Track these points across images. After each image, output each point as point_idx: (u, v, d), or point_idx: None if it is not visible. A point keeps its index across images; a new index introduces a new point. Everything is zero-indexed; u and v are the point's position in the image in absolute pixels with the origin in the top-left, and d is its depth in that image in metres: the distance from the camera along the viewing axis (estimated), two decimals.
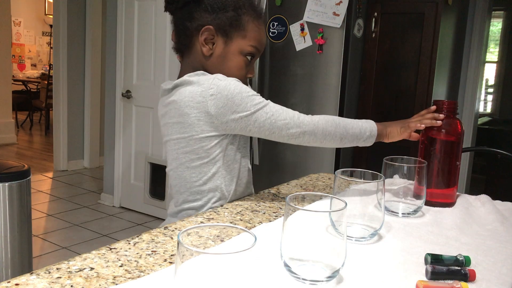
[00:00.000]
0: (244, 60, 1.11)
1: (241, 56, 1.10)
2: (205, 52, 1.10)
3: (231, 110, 1.02)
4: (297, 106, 2.68)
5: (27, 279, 0.67)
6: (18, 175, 1.99)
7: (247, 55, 1.11)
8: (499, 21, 5.63)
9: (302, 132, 1.05)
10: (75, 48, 4.72)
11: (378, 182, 0.83)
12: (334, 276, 0.66)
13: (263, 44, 1.13)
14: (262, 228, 0.92)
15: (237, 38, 1.09)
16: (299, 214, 0.63)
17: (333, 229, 0.64)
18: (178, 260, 0.49)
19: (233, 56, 1.10)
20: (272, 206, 1.10)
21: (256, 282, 0.62)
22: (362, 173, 0.89)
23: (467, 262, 0.75)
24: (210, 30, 1.08)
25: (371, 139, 1.13)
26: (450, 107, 1.12)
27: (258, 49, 1.12)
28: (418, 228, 0.94)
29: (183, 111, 1.04)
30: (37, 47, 9.22)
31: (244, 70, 1.12)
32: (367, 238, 0.84)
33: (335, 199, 0.69)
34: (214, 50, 1.10)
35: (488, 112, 5.71)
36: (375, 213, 0.84)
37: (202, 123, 1.04)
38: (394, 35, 2.70)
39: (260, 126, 1.04)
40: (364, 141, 1.12)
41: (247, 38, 1.09)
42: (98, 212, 3.69)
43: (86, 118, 4.91)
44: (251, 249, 0.49)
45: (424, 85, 2.63)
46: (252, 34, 1.09)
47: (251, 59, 1.13)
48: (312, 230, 0.64)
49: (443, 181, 1.12)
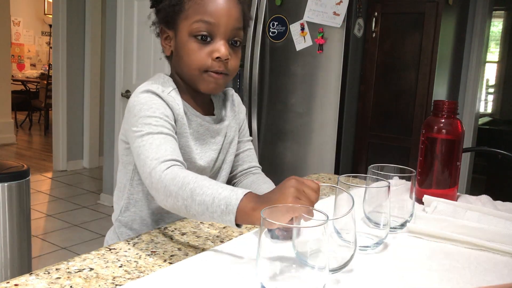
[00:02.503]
0: (195, 41, 0.95)
1: (191, 38, 0.95)
2: (167, 52, 1.03)
3: (128, 122, 0.95)
4: (297, 106, 2.68)
5: (26, 279, 0.66)
6: (17, 175, 1.99)
7: (197, 35, 0.94)
8: (499, 21, 5.63)
9: (150, 182, 0.85)
10: (74, 48, 4.72)
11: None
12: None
13: (216, 14, 0.93)
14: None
15: (182, 23, 0.96)
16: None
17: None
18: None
19: (183, 44, 0.96)
20: None
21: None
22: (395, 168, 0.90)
23: None
24: (162, 28, 1.01)
25: (228, 218, 0.75)
26: (451, 107, 1.11)
27: (207, 22, 0.93)
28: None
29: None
30: (36, 47, 9.21)
31: (200, 52, 0.95)
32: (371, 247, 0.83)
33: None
34: (172, 47, 1.01)
35: (489, 112, 5.71)
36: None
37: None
38: (394, 35, 2.69)
39: (132, 150, 0.92)
40: (220, 217, 0.76)
41: (189, 17, 0.94)
42: (98, 212, 3.69)
43: (86, 118, 4.91)
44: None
45: (425, 85, 2.63)
46: (193, 10, 0.94)
47: (208, 38, 0.95)
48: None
49: (444, 181, 1.12)
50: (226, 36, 0.95)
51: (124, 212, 1.05)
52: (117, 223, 1.07)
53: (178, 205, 0.80)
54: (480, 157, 4.29)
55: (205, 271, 0.72)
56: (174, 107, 0.96)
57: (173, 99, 0.97)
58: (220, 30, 0.94)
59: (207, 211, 0.77)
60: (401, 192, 0.93)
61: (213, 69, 0.95)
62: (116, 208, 1.08)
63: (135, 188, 1.02)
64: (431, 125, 1.13)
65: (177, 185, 0.80)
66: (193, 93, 1.03)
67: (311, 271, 0.60)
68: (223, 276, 0.71)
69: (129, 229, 1.06)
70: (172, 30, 0.99)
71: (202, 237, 0.88)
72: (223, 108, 1.11)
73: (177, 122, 0.97)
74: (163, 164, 0.84)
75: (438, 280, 0.73)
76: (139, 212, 1.04)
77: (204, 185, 0.78)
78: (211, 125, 1.05)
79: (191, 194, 0.78)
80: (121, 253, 0.78)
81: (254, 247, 0.80)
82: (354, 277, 0.72)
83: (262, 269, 0.60)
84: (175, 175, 0.82)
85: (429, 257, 0.83)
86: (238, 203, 0.74)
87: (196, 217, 0.80)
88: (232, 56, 0.97)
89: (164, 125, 0.91)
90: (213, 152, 1.06)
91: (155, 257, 0.77)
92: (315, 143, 2.66)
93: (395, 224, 0.93)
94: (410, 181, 0.91)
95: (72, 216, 3.54)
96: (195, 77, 0.97)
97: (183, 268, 0.73)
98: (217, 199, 0.76)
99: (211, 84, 0.97)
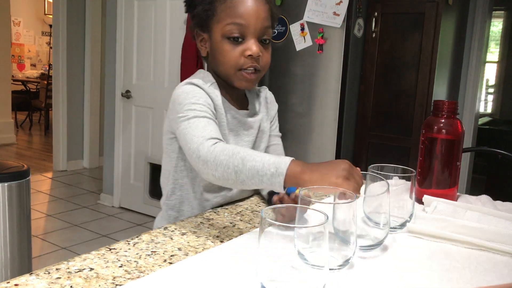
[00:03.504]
0: (228, 42, 1.04)
1: (224, 40, 1.05)
2: (203, 53, 1.12)
3: (173, 112, 1.04)
4: (297, 106, 2.68)
5: (26, 279, 0.67)
6: (17, 175, 1.99)
7: (230, 37, 1.04)
8: (499, 21, 5.63)
9: (197, 156, 0.92)
10: (74, 48, 4.72)
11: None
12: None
13: (246, 15, 1.03)
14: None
15: (215, 26, 1.06)
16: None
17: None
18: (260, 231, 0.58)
19: (218, 45, 1.06)
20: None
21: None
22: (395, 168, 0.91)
23: None
24: (197, 32, 1.11)
25: (277, 180, 0.82)
26: (451, 107, 1.11)
27: (239, 24, 1.03)
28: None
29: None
30: (36, 47, 9.21)
31: (234, 52, 1.04)
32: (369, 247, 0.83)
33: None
34: (207, 49, 1.11)
35: (489, 112, 5.71)
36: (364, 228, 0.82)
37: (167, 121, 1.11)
38: (394, 35, 2.69)
39: (178, 135, 1.01)
40: (269, 180, 0.83)
41: (221, 21, 1.04)
42: (98, 212, 3.69)
43: (86, 118, 4.91)
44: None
45: (425, 85, 2.63)
46: (225, 13, 1.04)
47: (240, 39, 1.04)
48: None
49: (444, 181, 1.12)
50: (256, 35, 1.05)
51: (171, 196, 1.13)
52: (165, 207, 1.15)
53: (228, 172, 0.87)
54: (480, 157, 4.30)
55: (205, 271, 0.72)
56: (214, 98, 1.06)
57: (212, 91, 1.07)
58: (250, 30, 1.04)
59: (257, 174, 0.84)
60: (401, 192, 0.93)
61: (246, 66, 1.05)
62: (163, 194, 1.17)
63: (179, 174, 1.11)
64: (431, 125, 1.13)
65: (228, 154, 0.87)
66: (229, 89, 1.12)
67: (311, 270, 0.60)
68: (223, 276, 0.71)
69: (176, 212, 1.14)
70: (206, 33, 1.09)
71: (202, 237, 0.88)
72: (256, 104, 1.21)
73: (216, 112, 1.06)
74: (210, 140, 0.93)
75: (438, 280, 0.73)
76: (185, 195, 1.12)
77: (253, 153, 0.87)
78: (244, 118, 1.14)
79: (241, 161, 0.86)
80: (121, 253, 0.78)
81: (254, 247, 0.80)
82: (354, 277, 0.72)
83: (262, 269, 0.60)
84: (223, 147, 0.90)
85: (429, 257, 0.83)
86: (287, 166, 0.82)
87: (245, 182, 0.86)
88: (263, 52, 1.06)
89: (207, 111, 1.01)
90: (245, 143, 1.14)
91: (155, 257, 0.77)
92: (315, 143, 2.67)
93: (395, 224, 0.93)
94: (410, 181, 0.92)
95: (72, 216, 3.54)
96: (230, 75, 1.07)
97: (183, 268, 0.73)
98: (266, 163, 0.84)
99: (244, 81, 1.07)
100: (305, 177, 0.80)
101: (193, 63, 3.05)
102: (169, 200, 1.13)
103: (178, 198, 1.13)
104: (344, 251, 0.72)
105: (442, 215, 0.97)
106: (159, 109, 3.49)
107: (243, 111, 1.15)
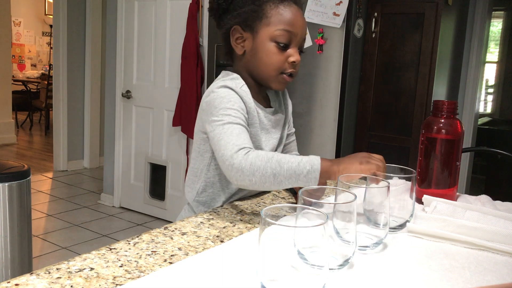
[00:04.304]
0: (275, 45, 1.08)
1: (272, 42, 1.09)
2: (239, 51, 1.14)
3: (208, 114, 1.07)
4: (297, 106, 2.68)
5: (27, 279, 0.67)
6: (18, 175, 1.99)
7: (278, 41, 1.08)
8: (499, 21, 5.63)
9: (230, 164, 0.96)
10: (75, 48, 4.72)
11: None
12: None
13: (295, 25, 1.08)
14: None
15: (263, 28, 1.09)
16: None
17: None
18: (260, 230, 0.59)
19: (262, 45, 1.09)
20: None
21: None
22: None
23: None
24: (236, 29, 1.12)
25: (313, 175, 0.92)
26: (450, 107, 1.12)
27: (289, 32, 1.08)
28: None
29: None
30: (37, 47, 9.22)
31: (278, 56, 1.09)
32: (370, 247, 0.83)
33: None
34: (245, 47, 1.12)
35: (488, 112, 5.71)
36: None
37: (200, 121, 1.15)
38: (394, 35, 2.70)
39: (211, 137, 1.04)
40: (305, 177, 0.92)
41: (272, 24, 1.08)
42: (98, 212, 3.69)
43: (86, 118, 4.91)
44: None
45: (424, 85, 2.63)
46: (277, 18, 1.08)
47: (287, 45, 1.09)
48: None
49: (443, 181, 1.12)
50: (298, 44, 1.11)
51: (201, 193, 1.18)
52: (195, 203, 1.20)
53: (266, 175, 0.94)
54: (479, 157, 4.30)
55: (205, 271, 0.73)
56: (247, 101, 1.09)
57: (245, 93, 1.10)
58: (296, 39, 1.10)
59: (294, 173, 0.93)
60: (401, 192, 0.93)
61: (287, 71, 1.11)
62: (189, 191, 1.21)
63: (211, 173, 1.16)
64: (430, 125, 1.13)
65: (264, 160, 0.94)
66: (257, 89, 1.17)
67: (311, 270, 0.60)
68: (223, 276, 0.71)
69: (207, 207, 1.18)
70: (248, 32, 1.11)
71: (202, 237, 0.88)
72: (277, 101, 1.25)
73: (249, 114, 1.10)
74: (243, 149, 0.97)
75: (438, 280, 0.74)
76: (217, 192, 1.17)
77: (285, 156, 0.95)
78: (271, 116, 1.19)
79: (278, 164, 0.94)
80: (121, 252, 0.78)
81: (254, 247, 0.80)
82: (354, 277, 0.73)
83: (262, 269, 0.60)
84: (257, 154, 0.96)
85: (429, 257, 0.83)
86: (319, 162, 0.93)
87: (282, 183, 0.94)
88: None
89: (241, 118, 1.05)
90: (274, 140, 1.20)
91: (155, 257, 0.78)
92: (315, 143, 2.67)
93: (395, 224, 0.93)
94: (410, 181, 0.92)
95: (72, 216, 3.55)
96: (271, 76, 1.12)
97: (183, 268, 0.73)
98: (301, 163, 0.93)
99: (283, 83, 1.13)
100: (334, 169, 0.92)
101: (193, 63, 3.06)
102: (199, 197, 1.18)
103: (210, 195, 1.17)
104: (345, 251, 0.72)
105: (441, 215, 0.97)
106: (159, 109, 3.50)
107: (269, 109, 1.19)
